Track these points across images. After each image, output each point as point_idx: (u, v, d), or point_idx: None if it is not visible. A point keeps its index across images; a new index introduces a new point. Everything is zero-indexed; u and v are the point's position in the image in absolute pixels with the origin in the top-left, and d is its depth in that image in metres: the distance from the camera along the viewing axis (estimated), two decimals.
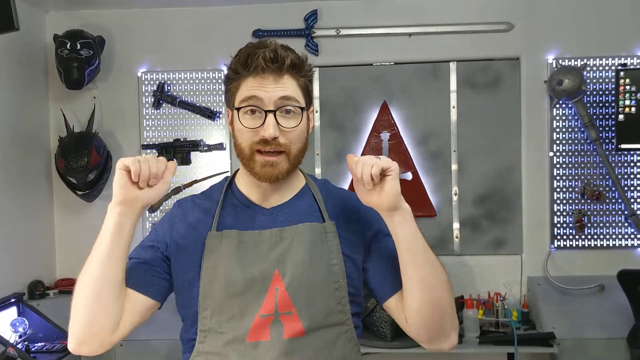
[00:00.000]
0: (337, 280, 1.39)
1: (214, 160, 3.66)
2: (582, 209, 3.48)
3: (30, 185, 3.50)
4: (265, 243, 1.39)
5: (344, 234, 1.44)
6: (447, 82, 3.57)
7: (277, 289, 1.35)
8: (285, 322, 1.34)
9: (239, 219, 1.44)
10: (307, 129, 1.44)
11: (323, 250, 1.40)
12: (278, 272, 1.36)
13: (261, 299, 1.35)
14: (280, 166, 1.38)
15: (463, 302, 3.30)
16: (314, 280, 1.37)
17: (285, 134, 1.37)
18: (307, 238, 1.40)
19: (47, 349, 3.04)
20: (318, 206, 1.47)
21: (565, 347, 3.07)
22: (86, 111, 3.66)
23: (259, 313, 1.35)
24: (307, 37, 3.58)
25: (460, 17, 3.55)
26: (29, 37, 3.54)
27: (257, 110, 1.36)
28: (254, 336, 1.34)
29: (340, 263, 1.40)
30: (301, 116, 1.39)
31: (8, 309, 3.09)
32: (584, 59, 3.45)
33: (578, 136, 3.49)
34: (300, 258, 1.38)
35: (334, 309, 1.39)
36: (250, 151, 1.38)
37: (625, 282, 2.93)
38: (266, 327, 1.34)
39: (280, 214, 1.45)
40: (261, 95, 1.35)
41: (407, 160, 3.57)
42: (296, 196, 1.48)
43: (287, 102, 1.37)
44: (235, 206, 1.47)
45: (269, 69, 1.35)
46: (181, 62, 3.69)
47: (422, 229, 1.40)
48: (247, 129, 1.37)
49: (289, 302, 1.35)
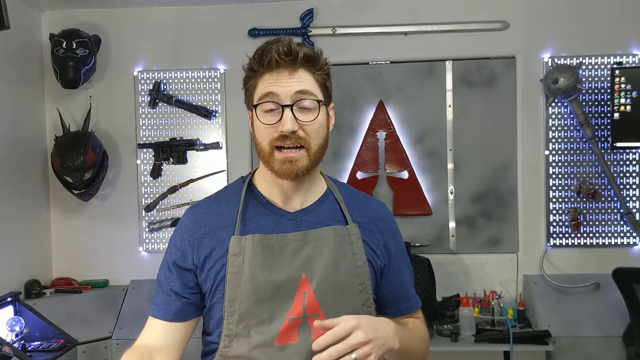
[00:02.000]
0: (362, 282, 1.41)
1: (210, 159, 3.65)
2: (577, 207, 3.49)
3: (26, 184, 3.50)
4: (290, 247, 1.39)
5: (366, 237, 1.45)
6: (443, 81, 3.58)
7: (305, 293, 1.36)
8: (313, 324, 1.35)
9: (262, 223, 1.42)
10: (327, 125, 1.43)
11: (347, 253, 1.41)
12: (305, 276, 1.37)
13: (289, 302, 1.36)
14: (300, 162, 1.36)
15: (459, 300, 3.30)
16: (340, 283, 1.38)
17: (303, 128, 1.36)
18: (331, 241, 1.40)
19: (43, 348, 3.04)
20: (340, 209, 1.47)
21: (561, 345, 3.08)
22: (82, 110, 3.66)
23: (288, 317, 1.36)
24: (303, 36, 3.58)
25: (456, 16, 3.55)
26: (25, 36, 3.53)
27: (275, 106, 1.35)
28: (282, 339, 1.35)
29: (364, 265, 1.41)
30: (319, 110, 1.38)
31: (4, 308, 3.09)
32: (579, 58, 3.46)
33: (574, 134, 3.50)
34: (326, 261, 1.38)
35: (360, 310, 1.40)
36: (269, 148, 1.37)
37: (620, 280, 2.93)
38: (294, 330, 1.36)
39: (305, 219, 1.44)
40: (277, 91, 1.35)
41: (403, 159, 3.58)
42: (319, 200, 1.47)
43: (303, 96, 1.36)
44: (258, 210, 1.45)
45: (283, 62, 1.35)
46: (177, 61, 3.68)
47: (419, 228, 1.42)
48: (265, 125, 1.36)
49: (316, 305, 1.36)
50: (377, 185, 3.57)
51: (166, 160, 3.65)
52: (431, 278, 3.35)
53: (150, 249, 3.67)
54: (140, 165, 3.69)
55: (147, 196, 3.68)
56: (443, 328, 3.21)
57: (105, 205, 3.70)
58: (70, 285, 3.58)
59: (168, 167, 3.67)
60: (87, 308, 3.40)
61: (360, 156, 3.60)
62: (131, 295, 3.53)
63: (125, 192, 3.70)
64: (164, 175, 3.67)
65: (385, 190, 3.55)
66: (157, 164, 3.64)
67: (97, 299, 3.48)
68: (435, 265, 3.40)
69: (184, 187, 3.65)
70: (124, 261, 3.67)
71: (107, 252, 3.67)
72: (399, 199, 3.53)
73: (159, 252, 3.66)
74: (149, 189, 3.68)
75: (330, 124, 1.45)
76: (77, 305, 3.40)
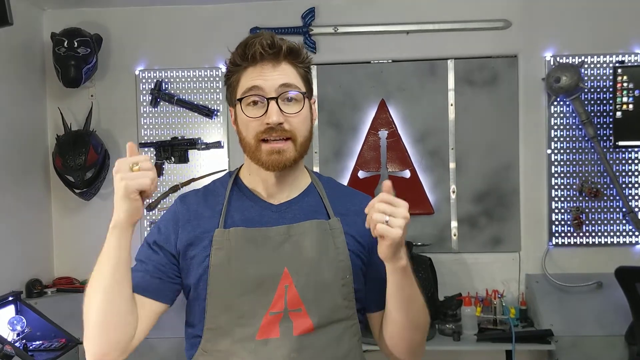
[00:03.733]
0: (344, 277, 1.40)
1: (211, 158, 3.65)
2: (580, 206, 3.48)
3: (27, 183, 3.50)
4: (273, 240, 1.39)
5: (350, 231, 1.44)
6: (445, 80, 3.57)
7: (287, 287, 1.36)
8: (294, 319, 1.35)
9: (246, 216, 1.43)
10: (310, 117, 1.45)
11: (330, 247, 1.41)
12: (287, 269, 1.37)
13: (270, 296, 1.36)
14: (287, 153, 1.38)
15: (461, 299, 3.30)
16: (322, 277, 1.38)
17: (289, 120, 1.37)
18: (314, 235, 1.40)
19: (44, 347, 3.04)
20: (323, 203, 1.47)
21: (563, 345, 3.08)
22: (84, 109, 3.66)
23: (269, 311, 1.35)
24: (305, 35, 3.57)
25: (458, 14, 3.55)
26: (26, 35, 3.53)
27: (259, 100, 1.37)
28: (263, 333, 1.35)
29: (346, 259, 1.41)
30: (303, 102, 1.40)
31: (6, 307, 3.08)
32: (581, 57, 3.45)
33: (576, 133, 3.49)
34: (308, 255, 1.38)
35: (341, 305, 1.40)
36: (255, 141, 1.38)
37: (623, 280, 2.92)
38: (276, 324, 1.35)
39: (289, 211, 1.44)
40: (262, 85, 1.36)
41: (405, 158, 3.57)
42: (303, 193, 1.48)
43: (288, 88, 1.37)
44: (243, 202, 1.46)
45: (267, 54, 1.36)
46: (179, 60, 3.68)
47: (420, 227, 1.41)
48: (251, 118, 1.37)
49: (298, 300, 1.36)
50: (378, 184, 3.56)
51: (168, 160, 3.64)
52: (433, 277, 3.35)
53: None
54: None
55: None
56: (445, 327, 3.21)
57: (107, 204, 3.68)
58: (71, 284, 3.58)
59: (169, 166, 3.67)
60: None
61: (361, 155, 3.60)
62: None
63: None
64: (165, 174, 3.67)
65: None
66: (158, 163, 3.64)
67: None
68: (437, 264, 3.40)
69: (185, 187, 3.63)
70: None
71: None
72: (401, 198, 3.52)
73: None
74: None
75: (314, 117, 1.47)
76: (79, 305, 3.34)
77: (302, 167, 1.51)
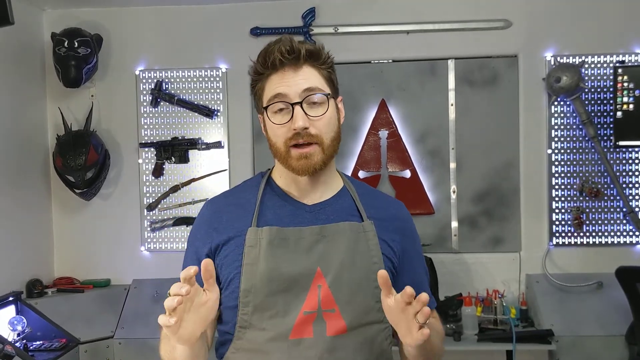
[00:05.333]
0: (377, 279, 1.40)
1: (212, 158, 3.65)
2: (580, 206, 3.48)
3: (28, 183, 3.50)
4: (306, 240, 1.40)
5: (382, 235, 1.45)
6: (445, 80, 3.57)
7: (320, 287, 1.37)
8: (328, 319, 1.36)
9: (279, 215, 1.44)
10: (337, 117, 1.45)
11: (363, 249, 1.41)
12: (320, 269, 1.37)
13: (304, 296, 1.36)
14: (315, 157, 1.39)
15: (461, 299, 3.30)
16: (355, 279, 1.39)
17: (314, 124, 1.38)
18: (347, 236, 1.41)
19: (45, 348, 3.04)
20: (356, 206, 1.48)
21: (564, 344, 3.08)
22: (84, 109, 3.66)
23: (302, 310, 1.36)
24: (305, 35, 3.57)
25: (458, 14, 3.55)
26: (27, 35, 3.53)
27: (285, 106, 1.38)
28: (297, 333, 1.36)
29: (380, 262, 1.42)
30: (328, 104, 1.40)
31: (6, 307, 3.09)
32: (581, 56, 3.45)
33: (576, 133, 3.49)
34: (342, 256, 1.39)
35: (373, 307, 1.40)
36: (285, 148, 1.39)
37: (623, 280, 2.92)
38: (309, 324, 1.36)
39: (322, 212, 1.45)
40: (285, 91, 1.37)
41: (405, 158, 3.57)
42: (337, 195, 1.49)
43: (311, 92, 1.38)
44: (275, 201, 1.46)
45: (287, 60, 1.37)
46: (179, 60, 3.68)
47: (421, 227, 1.41)
48: (278, 125, 1.38)
49: (331, 300, 1.37)
50: (379, 184, 3.56)
51: (168, 160, 3.64)
52: (433, 277, 3.35)
53: (152, 249, 3.67)
54: (142, 164, 3.69)
55: (149, 195, 3.68)
56: (446, 327, 3.21)
57: (107, 204, 3.70)
58: (72, 284, 3.58)
59: (170, 166, 3.67)
60: (89, 307, 3.40)
61: (362, 155, 3.60)
62: (133, 294, 3.52)
63: (127, 192, 3.69)
64: (165, 174, 3.67)
65: (387, 190, 3.54)
66: (159, 163, 3.64)
67: (99, 298, 3.48)
68: (438, 264, 3.40)
69: (185, 187, 3.64)
70: (126, 260, 3.67)
71: (108, 251, 3.67)
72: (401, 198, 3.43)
73: (160, 252, 3.66)
74: (150, 188, 3.68)
75: (341, 116, 1.48)
76: (79, 305, 3.40)
77: (334, 169, 1.52)
